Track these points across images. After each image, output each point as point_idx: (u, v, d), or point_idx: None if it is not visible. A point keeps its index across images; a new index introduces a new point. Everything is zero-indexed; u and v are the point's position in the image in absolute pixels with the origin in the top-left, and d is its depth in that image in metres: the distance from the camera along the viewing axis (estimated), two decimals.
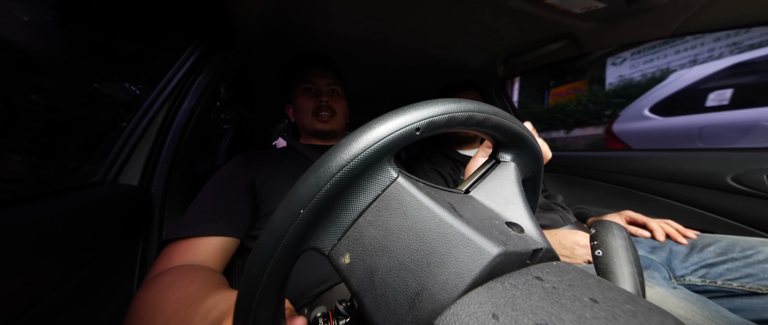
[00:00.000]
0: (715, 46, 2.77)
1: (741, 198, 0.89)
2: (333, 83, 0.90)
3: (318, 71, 0.90)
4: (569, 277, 0.20)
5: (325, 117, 0.85)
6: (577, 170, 1.37)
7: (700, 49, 2.78)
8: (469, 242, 0.21)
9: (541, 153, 0.35)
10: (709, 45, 2.78)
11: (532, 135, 0.33)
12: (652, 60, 2.96)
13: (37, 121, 0.68)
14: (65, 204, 0.48)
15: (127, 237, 0.63)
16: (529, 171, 0.38)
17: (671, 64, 2.90)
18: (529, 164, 0.36)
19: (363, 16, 0.90)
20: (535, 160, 0.35)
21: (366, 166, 0.22)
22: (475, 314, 0.17)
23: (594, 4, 0.84)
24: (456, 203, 0.27)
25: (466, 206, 0.27)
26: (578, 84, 3.75)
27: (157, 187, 0.71)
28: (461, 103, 0.25)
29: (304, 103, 0.87)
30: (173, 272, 0.46)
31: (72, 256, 0.47)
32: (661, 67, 2.93)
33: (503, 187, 0.31)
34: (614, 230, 0.29)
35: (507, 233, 0.24)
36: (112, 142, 0.70)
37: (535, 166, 0.37)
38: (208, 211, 0.59)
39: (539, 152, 0.35)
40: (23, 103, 0.64)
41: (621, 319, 0.16)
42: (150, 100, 0.75)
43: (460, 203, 0.27)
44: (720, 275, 0.65)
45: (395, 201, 0.24)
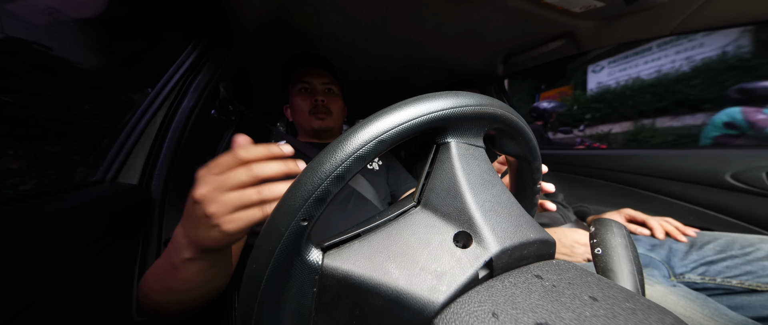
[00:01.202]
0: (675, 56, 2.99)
1: (740, 196, 0.89)
2: (328, 82, 0.91)
3: (313, 71, 0.91)
4: (569, 275, 0.20)
5: (322, 115, 0.87)
6: (576, 168, 1.37)
7: (665, 59, 3.02)
8: (404, 307, 0.21)
9: (506, 114, 0.29)
10: (671, 56, 3.01)
11: (473, 98, 0.27)
12: (625, 69, 3.20)
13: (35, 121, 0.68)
14: (65, 203, 0.48)
15: (127, 236, 0.63)
16: (512, 147, 0.33)
17: (641, 73, 3.16)
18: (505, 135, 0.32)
19: (362, 14, 0.89)
20: (489, 121, 0.28)
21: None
22: (475, 313, 0.17)
23: (593, 3, 0.84)
24: (395, 245, 0.25)
25: (408, 238, 0.25)
26: (564, 89, 3.82)
27: (156, 186, 0.71)
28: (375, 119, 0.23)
29: (300, 103, 0.88)
30: None
31: (71, 255, 0.47)
32: (632, 76, 3.20)
33: (447, 180, 0.27)
34: (614, 228, 0.29)
35: (444, 268, 0.22)
36: (112, 141, 0.70)
37: (503, 132, 0.31)
38: None
39: (504, 114, 0.29)
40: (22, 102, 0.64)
41: (621, 317, 0.16)
42: (149, 99, 0.75)
43: (402, 234, 0.25)
44: (719, 273, 0.65)
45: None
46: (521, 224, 0.24)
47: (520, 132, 0.31)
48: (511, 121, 0.29)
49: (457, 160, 0.26)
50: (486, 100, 0.27)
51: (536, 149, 0.34)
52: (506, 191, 0.28)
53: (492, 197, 0.25)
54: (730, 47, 2.55)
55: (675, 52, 2.91)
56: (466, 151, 0.28)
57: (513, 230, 0.23)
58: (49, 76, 0.70)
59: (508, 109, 0.29)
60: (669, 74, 2.88)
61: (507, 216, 0.24)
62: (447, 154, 0.27)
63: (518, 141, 0.32)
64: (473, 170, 0.27)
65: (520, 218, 0.25)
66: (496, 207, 0.25)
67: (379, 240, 0.26)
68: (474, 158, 0.28)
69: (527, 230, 0.24)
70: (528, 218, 0.26)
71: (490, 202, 0.25)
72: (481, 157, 0.29)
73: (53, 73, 0.71)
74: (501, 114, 0.28)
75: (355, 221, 0.63)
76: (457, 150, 0.27)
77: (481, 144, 0.30)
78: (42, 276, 0.42)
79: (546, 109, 2.85)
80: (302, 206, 0.22)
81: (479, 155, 0.29)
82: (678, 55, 2.88)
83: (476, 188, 0.25)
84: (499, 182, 0.28)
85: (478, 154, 0.29)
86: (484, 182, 0.26)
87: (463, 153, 0.27)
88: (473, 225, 0.23)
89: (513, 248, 0.22)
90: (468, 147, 0.28)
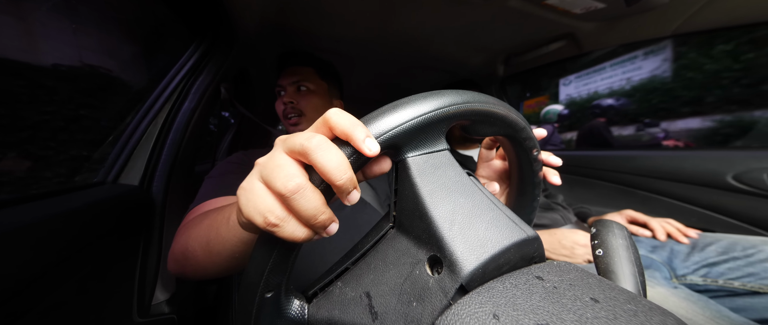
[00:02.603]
0: (622, 75, 3.39)
1: (742, 197, 0.89)
2: (299, 80, 0.83)
3: (287, 72, 0.86)
4: (570, 276, 0.20)
5: (293, 119, 0.82)
6: (577, 169, 1.37)
7: (615, 78, 3.46)
8: None
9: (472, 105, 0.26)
10: (619, 75, 3.44)
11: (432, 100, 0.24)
12: (587, 84, 3.68)
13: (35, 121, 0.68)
14: (66, 204, 0.48)
15: (128, 237, 0.64)
16: (487, 128, 0.29)
17: (598, 88, 3.63)
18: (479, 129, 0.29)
19: (363, 15, 0.90)
20: (442, 123, 0.25)
21: None
22: (475, 314, 0.17)
23: (594, 4, 0.84)
24: (379, 276, 0.24)
25: (389, 268, 0.24)
26: (542, 99, 4.00)
27: (157, 187, 0.71)
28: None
29: (277, 108, 0.85)
30: (203, 213, 0.49)
31: (73, 256, 0.47)
32: (591, 90, 3.61)
33: (411, 200, 0.25)
34: (615, 230, 0.29)
35: (423, 299, 0.21)
36: (113, 142, 0.71)
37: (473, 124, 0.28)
38: (220, 183, 0.60)
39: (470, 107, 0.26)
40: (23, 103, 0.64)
41: (622, 319, 0.16)
42: (151, 101, 0.75)
43: (384, 263, 0.25)
44: (721, 275, 0.65)
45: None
46: (494, 231, 0.22)
47: (482, 114, 0.27)
48: (466, 111, 0.26)
49: (417, 178, 0.25)
50: (429, 105, 0.24)
51: (514, 119, 0.30)
52: (476, 193, 0.25)
53: (458, 208, 0.23)
54: (658, 71, 3.02)
55: (622, 71, 3.35)
56: (425, 163, 0.25)
57: (483, 243, 0.21)
58: (50, 78, 0.70)
59: (457, 99, 0.25)
60: (616, 91, 3.37)
61: (476, 226, 0.22)
62: (405, 172, 0.25)
63: (490, 122, 0.28)
64: (435, 182, 0.25)
65: (493, 223, 0.23)
66: (464, 219, 0.23)
67: (362, 273, 0.26)
68: (434, 169, 0.25)
69: (501, 237, 0.22)
70: (502, 220, 0.23)
71: (457, 214, 0.23)
72: (443, 163, 0.26)
73: (54, 75, 0.71)
74: (452, 111, 0.25)
75: (352, 224, 0.63)
76: (414, 166, 0.25)
77: (442, 146, 0.27)
78: (44, 276, 0.42)
79: (610, 106, 2.82)
80: (260, 280, 0.22)
81: (441, 162, 0.26)
82: (624, 74, 3.33)
83: (440, 202, 0.23)
84: (466, 185, 0.25)
85: (439, 162, 0.26)
86: (449, 193, 0.24)
87: (421, 168, 0.25)
88: (441, 248, 0.22)
89: (486, 263, 0.20)
90: (427, 157, 0.26)
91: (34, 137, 0.68)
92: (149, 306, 0.68)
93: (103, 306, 0.55)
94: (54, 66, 0.71)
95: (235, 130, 1.46)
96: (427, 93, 0.25)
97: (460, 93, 0.26)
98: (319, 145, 0.21)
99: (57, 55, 0.71)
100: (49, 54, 0.70)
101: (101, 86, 0.84)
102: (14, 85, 0.62)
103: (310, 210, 0.21)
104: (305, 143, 0.21)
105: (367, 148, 0.21)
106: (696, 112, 2.41)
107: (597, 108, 2.86)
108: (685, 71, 2.70)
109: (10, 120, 0.62)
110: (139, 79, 0.91)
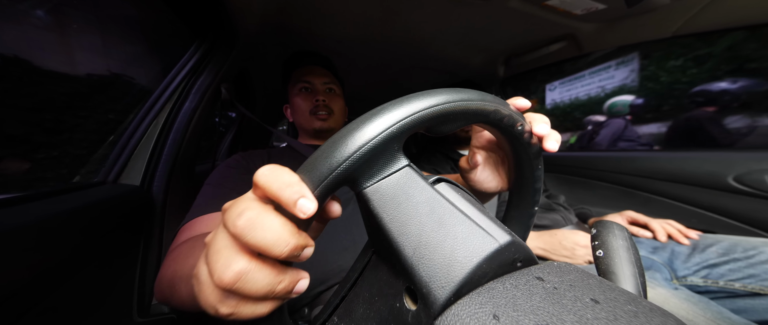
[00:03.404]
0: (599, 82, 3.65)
1: (743, 198, 0.89)
2: (329, 82, 0.90)
3: (314, 70, 0.90)
4: (570, 277, 0.20)
5: (323, 115, 0.86)
6: (578, 171, 1.37)
7: (592, 85, 3.67)
8: None
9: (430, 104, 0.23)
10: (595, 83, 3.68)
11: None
12: (570, 90, 3.87)
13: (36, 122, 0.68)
14: (67, 204, 0.48)
15: (129, 236, 0.64)
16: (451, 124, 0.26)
17: (578, 94, 3.82)
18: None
19: (364, 16, 0.90)
20: (392, 143, 0.23)
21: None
22: (476, 315, 0.17)
23: (594, 5, 0.85)
24: (369, 310, 0.24)
25: (376, 300, 0.24)
26: (533, 102, 4.17)
27: (158, 187, 0.71)
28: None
29: (301, 103, 0.87)
30: (192, 240, 0.48)
31: (73, 255, 0.47)
32: (572, 96, 3.84)
33: (378, 230, 0.23)
34: (615, 231, 0.29)
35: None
36: (114, 142, 0.71)
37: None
38: (217, 193, 0.60)
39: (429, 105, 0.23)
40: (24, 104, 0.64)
41: (622, 320, 0.16)
42: (152, 101, 0.75)
43: (371, 293, 0.24)
44: (722, 276, 0.65)
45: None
46: (461, 249, 0.20)
47: (437, 115, 0.24)
48: (415, 122, 0.23)
49: (377, 209, 0.23)
50: (367, 133, 0.22)
51: (478, 107, 0.26)
52: (441, 207, 0.23)
53: (423, 232, 0.21)
54: (628, 81, 3.33)
55: (599, 79, 3.63)
56: (385, 190, 0.24)
57: (451, 267, 0.20)
58: (51, 79, 0.70)
59: (399, 115, 0.22)
60: (592, 97, 3.63)
61: (443, 249, 0.21)
62: (365, 204, 0.24)
63: (450, 119, 0.25)
64: (397, 208, 0.23)
65: (460, 240, 0.21)
66: (430, 242, 0.21)
67: (354, 307, 0.26)
68: (394, 194, 0.23)
69: (471, 254, 0.20)
70: (471, 232, 0.21)
71: (422, 239, 0.21)
72: (403, 184, 0.24)
73: (56, 76, 0.72)
74: (396, 131, 0.22)
75: (354, 225, 0.63)
76: (373, 197, 0.24)
77: (399, 165, 0.24)
78: (45, 275, 0.42)
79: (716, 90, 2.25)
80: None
81: (400, 184, 0.24)
82: (601, 82, 3.61)
83: (404, 230, 0.22)
84: (431, 201, 0.23)
85: (399, 183, 0.24)
86: (413, 216, 0.22)
87: (380, 196, 0.23)
88: (412, 280, 0.21)
89: (459, 287, 0.19)
90: (385, 183, 0.24)
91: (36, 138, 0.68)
92: (149, 306, 0.68)
93: (103, 305, 0.55)
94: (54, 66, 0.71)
95: (235, 131, 1.46)
96: (365, 117, 0.22)
97: (402, 104, 0.23)
98: (247, 225, 0.18)
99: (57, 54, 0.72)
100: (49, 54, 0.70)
101: (101, 85, 0.84)
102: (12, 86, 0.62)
103: (261, 289, 0.19)
104: (235, 225, 0.19)
105: (300, 212, 0.19)
106: (655, 118, 2.80)
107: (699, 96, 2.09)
108: (646, 81, 3.06)
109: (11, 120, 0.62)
110: (140, 78, 0.92)
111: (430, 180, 0.26)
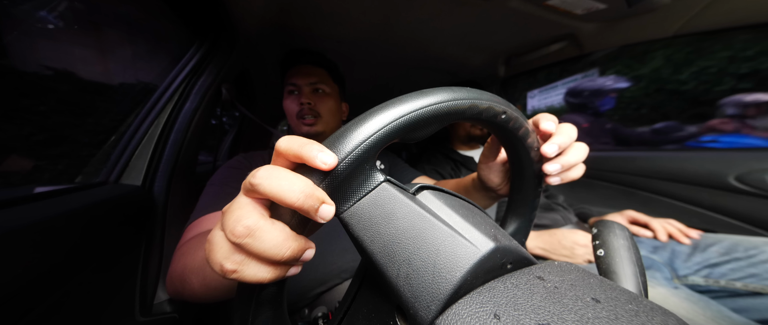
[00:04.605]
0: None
1: (744, 198, 0.89)
2: (317, 82, 0.83)
3: (301, 70, 0.85)
4: (571, 277, 0.20)
5: (310, 121, 0.81)
6: None
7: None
8: None
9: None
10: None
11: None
12: (547, 98, 4.35)
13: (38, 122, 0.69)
14: (69, 204, 0.48)
15: (130, 236, 0.64)
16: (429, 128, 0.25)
17: (553, 102, 4.29)
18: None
19: (364, 16, 0.90)
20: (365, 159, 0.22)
21: None
22: (476, 314, 0.17)
23: (595, 5, 0.84)
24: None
25: (372, 318, 0.24)
26: (518, 106, 4.53)
27: (159, 187, 0.71)
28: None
29: (288, 106, 0.84)
30: (199, 235, 0.51)
31: (75, 255, 0.47)
32: (548, 104, 4.35)
33: (364, 251, 0.23)
34: (616, 230, 0.29)
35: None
36: (115, 142, 0.71)
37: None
38: (221, 192, 0.62)
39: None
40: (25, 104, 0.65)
41: (623, 319, 0.16)
42: (153, 101, 0.76)
43: (366, 311, 0.25)
44: (723, 275, 0.65)
45: None
46: (445, 262, 0.20)
47: (405, 126, 0.22)
48: (385, 135, 0.22)
49: (358, 232, 0.23)
50: (347, 155, 0.21)
51: (448, 104, 0.24)
52: (422, 221, 0.22)
53: (406, 250, 0.21)
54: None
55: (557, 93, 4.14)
56: (363, 211, 0.23)
57: (436, 284, 0.19)
58: (52, 79, 0.71)
59: (366, 129, 0.21)
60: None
61: (427, 266, 0.20)
62: (348, 228, 0.23)
63: (421, 124, 0.23)
64: (377, 229, 0.22)
65: (443, 254, 0.20)
66: (414, 260, 0.20)
67: (356, 320, 0.26)
68: (371, 214, 0.23)
69: (455, 266, 0.19)
70: (454, 243, 0.20)
71: (404, 257, 0.21)
72: (382, 202, 0.23)
73: (56, 76, 0.72)
74: (362, 150, 0.21)
75: None
76: (351, 221, 0.23)
77: (376, 181, 0.24)
78: (47, 275, 0.42)
79: None
80: None
81: (378, 202, 0.23)
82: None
83: (387, 249, 0.21)
84: (411, 216, 0.22)
85: (377, 202, 0.23)
86: (394, 236, 0.21)
87: (360, 218, 0.23)
88: (400, 300, 0.20)
89: (446, 302, 0.19)
90: (364, 202, 0.23)
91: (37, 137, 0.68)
92: (152, 305, 0.68)
93: (106, 305, 0.56)
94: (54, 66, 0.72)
95: (235, 131, 1.46)
96: (328, 141, 0.22)
97: (365, 121, 0.22)
98: (264, 175, 0.20)
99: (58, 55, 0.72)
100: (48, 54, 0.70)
101: (102, 85, 0.84)
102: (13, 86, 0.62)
103: (268, 250, 0.20)
104: (251, 178, 0.20)
105: (321, 162, 0.20)
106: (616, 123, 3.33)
107: None
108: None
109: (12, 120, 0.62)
110: (141, 79, 0.92)
111: (412, 190, 0.25)
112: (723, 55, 1.32)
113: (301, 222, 0.22)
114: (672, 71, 1.75)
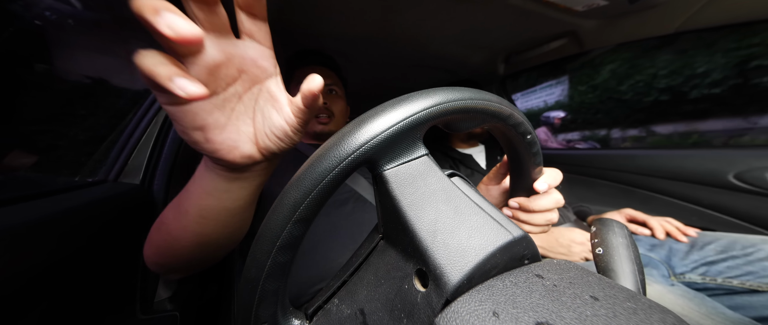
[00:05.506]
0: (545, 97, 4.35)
1: (743, 196, 0.89)
2: (331, 83, 0.89)
3: (316, 71, 0.88)
4: (570, 275, 0.20)
5: (324, 119, 0.85)
6: (577, 168, 1.37)
7: (548, 98, 4.31)
8: None
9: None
10: (544, 97, 4.37)
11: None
12: (528, 101, 4.45)
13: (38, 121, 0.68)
14: (68, 202, 0.48)
15: (130, 235, 0.64)
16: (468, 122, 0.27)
17: (532, 106, 4.40)
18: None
19: (364, 14, 0.89)
20: (415, 130, 0.24)
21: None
22: (475, 312, 0.17)
23: (596, 2, 0.84)
24: (373, 292, 0.24)
25: (382, 282, 0.24)
26: None
27: (158, 185, 0.71)
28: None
29: None
30: None
31: (76, 253, 0.48)
32: (528, 107, 4.43)
33: (393, 213, 0.24)
34: (615, 228, 0.29)
35: (412, 308, 0.21)
36: (114, 141, 0.71)
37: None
38: None
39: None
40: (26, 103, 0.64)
41: (622, 316, 0.16)
42: (151, 100, 0.75)
43: (377, 277, 0.25)
44: (720, 273, 0.65)
45: None
46: (476, 237, 0.21)
47: (458, 110, 0.25)
48: (437, 112, 0.24)
49: (395, 191, 0.24)
50: (397, 114, 0.23)
51: (493, 106, 0.27)
52: (457, 197, 0.24)
53: (439, 218, 0.22)
54: (561, 96, 4.25)
55: (546, 94, 4.25)
56: (404, 174, 0.25)
57: (465, 253, 0.20)
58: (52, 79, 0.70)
59: (428, 102, 0.24)
60: (543, 108, 4.38)
61: (458, 235, 0.21)
62: (384, 186, 0.25)
63: (467, 116, 0.26)
64: (415, 193, 0.24)
65: (476, 229, 0.22)
66: (446, 228, 0.22)
67: (357, 289, 0.26)
68: (413, 179, 0.25)
69: (485, 242, 0.21)
70: (486, 223, 0.22)
71: (438, 224, 0.22)
72: (422, 171, 0.25)
73: (57, 76, 0.72)
74: (423, 117, 0.23)
75: (354, 221, 0.63)
76: (392, 179, 0.24)
77: (419, 153, 0.26)
78: (47, 273, 0.42)
79: None
80: (250, 315, 0.23)
81: (419, 170, 0.25)
82: (548, 97, 4.25)
83: (421, 214, 0.23)
84: (447, 190, 0.24)
85: (418, 170, 0.25)
86: (429, 202, 0.23)
87: (399, 180, 0.24)
88: (425, 262, 0.21)
89: (471, 273, 0.20)
90: (405, 167, 0.25)
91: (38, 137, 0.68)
92: (152, 303, 0.68)
93: (107, 303, 0.56)
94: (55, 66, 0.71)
95: None
96: (395, 100, 0.23)
97: (430, 95, 0.24)
98: None
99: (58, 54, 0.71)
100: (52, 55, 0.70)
101: (102, 85, 0.84)
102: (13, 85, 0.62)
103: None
104: None
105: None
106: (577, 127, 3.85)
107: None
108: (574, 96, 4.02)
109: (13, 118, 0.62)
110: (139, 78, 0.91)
111: (446, 173, 0.27)
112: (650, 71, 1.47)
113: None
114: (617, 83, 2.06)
